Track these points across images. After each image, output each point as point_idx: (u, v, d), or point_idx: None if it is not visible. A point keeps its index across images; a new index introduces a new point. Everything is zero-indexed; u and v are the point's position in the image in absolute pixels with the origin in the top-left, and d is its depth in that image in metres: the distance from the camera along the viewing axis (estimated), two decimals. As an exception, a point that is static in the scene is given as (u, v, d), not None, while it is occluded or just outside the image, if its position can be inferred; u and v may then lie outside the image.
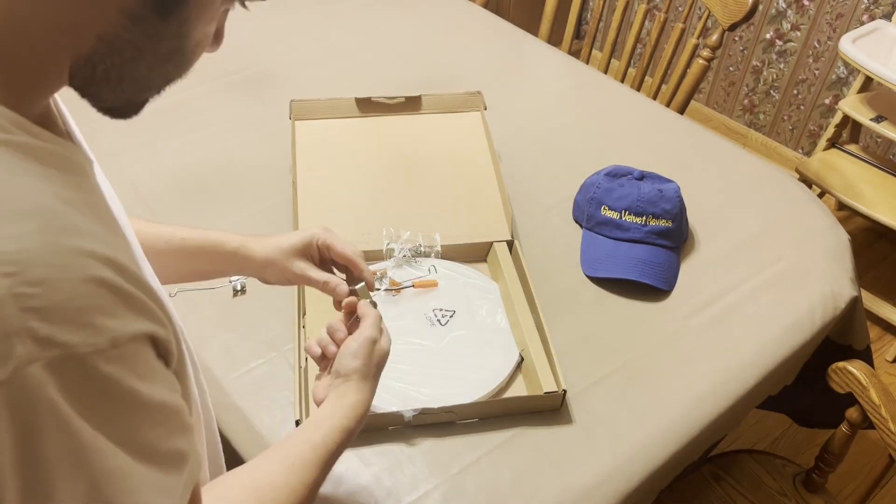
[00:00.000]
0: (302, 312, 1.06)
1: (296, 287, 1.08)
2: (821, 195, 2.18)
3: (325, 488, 0.87)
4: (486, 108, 1.34)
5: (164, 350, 0.49)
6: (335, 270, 0.88)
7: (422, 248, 1.15)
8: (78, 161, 0.49)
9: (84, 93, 0.50)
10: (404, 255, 1.15)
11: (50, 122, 0.51)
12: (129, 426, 0.44)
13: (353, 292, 0.84)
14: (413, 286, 1.11)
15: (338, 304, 0.86)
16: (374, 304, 0.82)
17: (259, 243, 0.86)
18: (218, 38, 0.55)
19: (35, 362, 0.39)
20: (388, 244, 1.15)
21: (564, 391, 0.96)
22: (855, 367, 1.07)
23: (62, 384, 0.40)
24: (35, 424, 0.39)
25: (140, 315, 0.45)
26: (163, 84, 0.52)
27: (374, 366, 0.77)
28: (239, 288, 1.11)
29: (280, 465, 0.68)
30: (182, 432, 0.50)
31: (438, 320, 1.08)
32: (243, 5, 0.53)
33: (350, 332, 0.79)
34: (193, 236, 0.86)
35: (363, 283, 0.84)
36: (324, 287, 0.85)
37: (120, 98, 0.51)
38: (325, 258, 0.88)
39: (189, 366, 0.59)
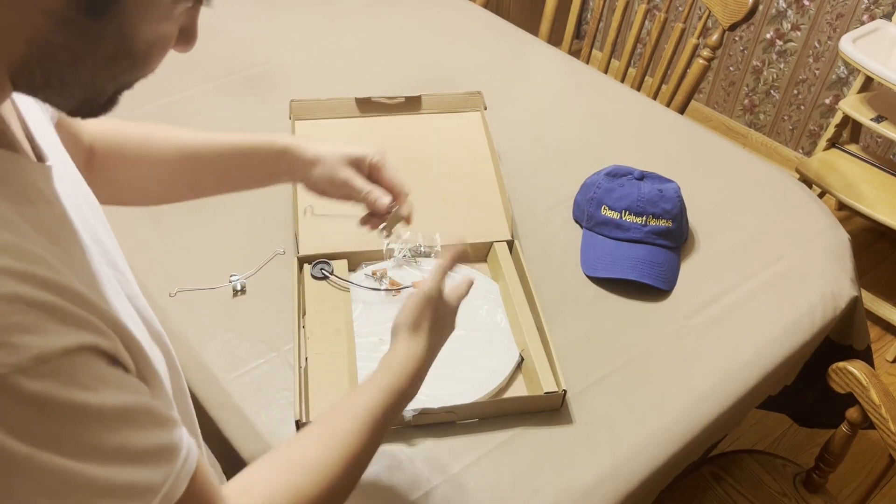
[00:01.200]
0: (302, 312, 1.06)
1: (296, 287, 1.08)
2: (821, 195, 2.18)
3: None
4: (486, 108, 1.33)
5: (115, 360, 0.47)
6: None
7: (422, 249, 1.15)
8: (16, 171, 0.47)
9: (39, 98, 0.48)
10: (404, 256, 1.15)
11: None
12: (84, 438, 0.43)
13: (388, 210, 0.87)
14: (413, 287, 1.11)
15: (365, 219, 0.88)
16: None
17: (312, 142, 0.87)
18: (188, 37, 0.52)
19: None
20: (388, 244, 1.15)
21: (564, 391, 0.96)
22: (855, 367, 1.07)
23: None
24: None
25: (74, 327, 0.43)
26: (117, 86, 0.49)
27: (428, 318, 0.76)
28: (239, 288, 1.11)
29: (316, 438, 0.65)
30: (161, 426, 0.48)
31: (438, 320, 1.07)
32: (200, 2, 0.50)
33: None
34: (242, 141, 0.87)
35: (398, 208, 0.87)
36: (366, 197, 0.86)
37: (73, 102, 0.48)
38: (372, 179, 0.88)
39: (156, 375, 0.57)
